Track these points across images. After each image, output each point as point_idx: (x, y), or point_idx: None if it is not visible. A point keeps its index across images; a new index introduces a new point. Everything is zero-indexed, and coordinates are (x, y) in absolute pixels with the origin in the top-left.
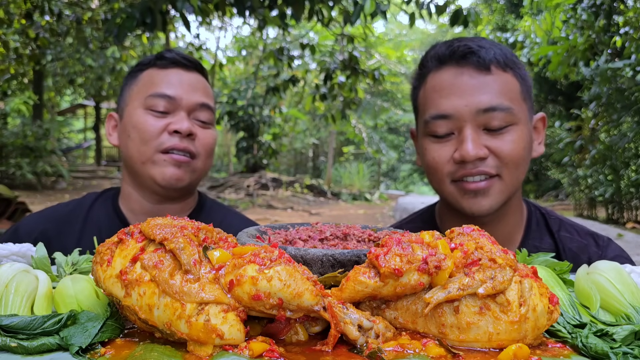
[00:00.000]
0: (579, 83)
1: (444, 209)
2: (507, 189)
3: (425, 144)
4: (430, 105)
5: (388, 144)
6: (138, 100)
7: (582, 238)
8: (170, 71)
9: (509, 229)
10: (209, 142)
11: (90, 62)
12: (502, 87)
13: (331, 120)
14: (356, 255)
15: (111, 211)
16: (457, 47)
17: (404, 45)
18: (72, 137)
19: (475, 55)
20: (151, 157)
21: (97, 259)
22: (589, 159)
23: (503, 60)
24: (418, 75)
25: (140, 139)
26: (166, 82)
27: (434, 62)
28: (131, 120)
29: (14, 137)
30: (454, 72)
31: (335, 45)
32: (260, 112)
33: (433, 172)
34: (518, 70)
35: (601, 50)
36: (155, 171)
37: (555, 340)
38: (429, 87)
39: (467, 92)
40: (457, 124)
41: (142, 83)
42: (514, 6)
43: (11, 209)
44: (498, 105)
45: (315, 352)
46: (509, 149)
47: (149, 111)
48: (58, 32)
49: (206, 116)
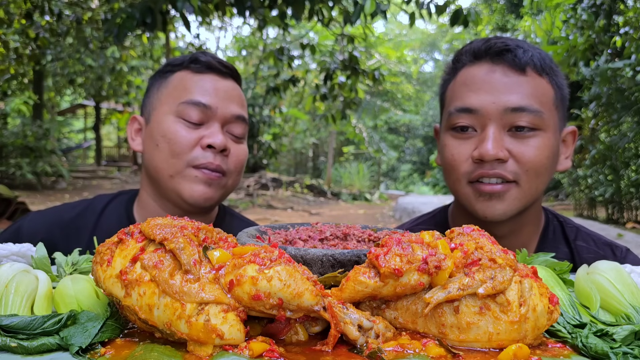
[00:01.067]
0: (579, 83)
1: (457, 212)
2: (525, 197)
3: (445, 140)
4: (457, 98)
5: (388, 144)
6: (168, 105)
7: (599, 248)
8: (205, 77)
9: (524, 239)
10: (242, 160)
11: (90, 62)
12: (534, 90)
13: (331, 121)
14: (356, 255)
15: (124, 219)
16: (494, 44)
17: (404, 45)
18: (72, 137)
19: (512, 54)
20: (181, 172)
21: (97, 259)
22: (589, 159)
23: (540, 64)
24: (450, 69)
25: (170, 150)
26: (201, 89)
27: (469, 57)
28: (160, 127)
29: (14, 137)
30: (487, 68)
31: (335, 45)
32: (260, 112)
33: (450, 170)
34: (555, 77)
35: (601, 50)
36: (184, 187)
37: (555, 340)
38: (460, 81)
39: (497, 89)
40: (481, 121)
41: (172, 86)
42: (514, 6)
43: (11, 209)
44: (527, 106)
45: (315, 352)
46: (531, 154)
47: (180, 120)
48: (58, 32)
49: (240, 130)
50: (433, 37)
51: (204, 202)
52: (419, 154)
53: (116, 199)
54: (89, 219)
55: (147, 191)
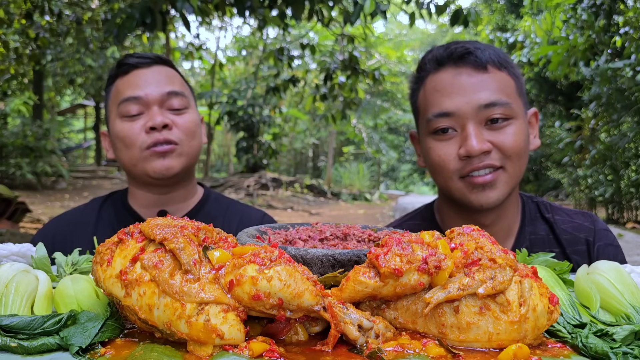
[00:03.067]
0: (579, 83)
1: (443, 205)
2: (512, 180)
3: (429, 144)
4: (431, 104)
5: (388, 144)
6: (114, 112)
7: (572, 218)
8: (132, 74)
9: (509, 222)
10: (188, 126)
11: (90, 62)
12: (499, 84)
13: (331, 121)
14: (356, 255)
15: (122, 209)
16: (455, 49)
17: (404, 45)
18: (72, 137)
19: (473, 55)
20: (139, 157)
21: (97, 259)
22: (589, 159)
23: (497, 60)
24: (416, 79)
25: (125, 146)
26: (130, 85)
27: (433, 65)
28: (114, 132)
29: (14, 137)
30: (452, 73)
31: (335, 46)
32: (260, 112)
33: (439, 170)
34: (512, 69)
35: (601, 50)
36: (147, 167)
37: (555, 340)
38: (429, 88)
39: (467, 90)
40: (459, 121)
41: (113, 95)
42: (514, 6)
43: (11, 209)
44: (497, 100)
45: (315, 352)
46: (510, 141)
47: (124, 118)
48: (58, 32)
49: (178, 102)
50: (433, 37)
51: (167, 171)
52: None
53: (110, 198)
54: (90, 215)
55: (131, 183)
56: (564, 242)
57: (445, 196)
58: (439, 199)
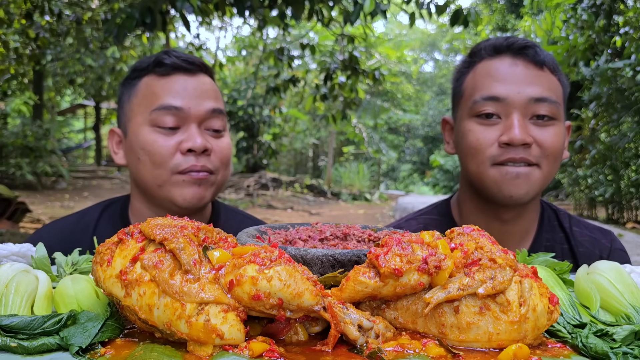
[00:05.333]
0: (579, 83)
1: (465, 198)
2: (544, 180)
3: (469, 126)
4: (481, 87)
5: (388, 144)
6: (141, 115)
7: (591, 232)
8: (172, 78)
9: (527, 224)
10: (226, 154)
11: (90, 62)
12: (551, 84)
13: (332, 121)
14: (356, 255)
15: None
16: (516, 41)
17: (404, 45)
18: (72, 137)
19: (532, 50)
20: (168, 180)
21: (97, 259)
22: (589, 159)
23: (552, 63)
24: (467, 63)
25: (152, 162)
26: (170, 92)
27: (489, 51)
28: (138, 140)
29: (14, 137)
30: (510, 61)
31: (335, 45)
32: (260, 112)
33: (474, 154)
34: (562, 77)
35: (601, 50)
36: (175, 193)
37: (555, 340)
38: (482, 72)
39: (521, 80)
40: (506, 109)
41: (141, 95)
42: (514, 6)
43: (11, 209)
44: (548, 97)
45: (315, 352)
46: (552, 140)
47: (156, 128)
48: (58, 32)
49: (219, 123)
50: (433, 37)
51: (198, 202)
52: (419, 154)
53: (108, 210)
54: (85, 230)
55: (139, 200)
56: (578, 254)
57: (471, 186)
58: (460, 191)
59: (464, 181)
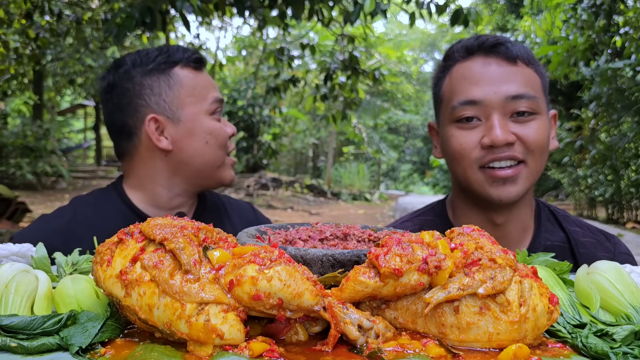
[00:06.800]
0: (579, 83)
1: (457, 200)
2: (532, 176)
3: (450, 131)
4: (458, 92)
5: (388, 144)
6: (198, 105)
7: (593, 234)
8: (202, 73)
9: (523, 222)
10: None
11: (90, 62)
12: (527, 78)
13: (332, 121)
14: (356, 255)
15: (125, 210)
16: (486, 39)
17: (404, 45)
18: (72, 137)
19: (504, 47)
20: (224, 161)
21: (97, 259)
22: (589, 159)
23: (526, 55)
24: (442, 67)
25: (218, 144)
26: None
27: (462, 53)
28: (204, 126)
29: (14, 137)
30: (482, 62)
31: (335, 45)
32: (260, 112)
33: (459, 159)
34: (538, 67)
35: (601, 50)
36: (225, 173)
37: (555, 340)
38: (457, 76)
39: (496, 80)
40: (484, 111)
41: (189, 87)
42: (514, 6)
43: (11, 209)
44: (525, 93)
45: (315, 352)
46: (534, 135)
47: (212, 117)
48: (58, 32)
49: None
50: (433, 37)
51: (230, 182)
52: (419, 154)
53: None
54: (82, 220)
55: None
56: (578, 255)
57: (461, 189)
58: (452, 193)
59: (454, 184)
